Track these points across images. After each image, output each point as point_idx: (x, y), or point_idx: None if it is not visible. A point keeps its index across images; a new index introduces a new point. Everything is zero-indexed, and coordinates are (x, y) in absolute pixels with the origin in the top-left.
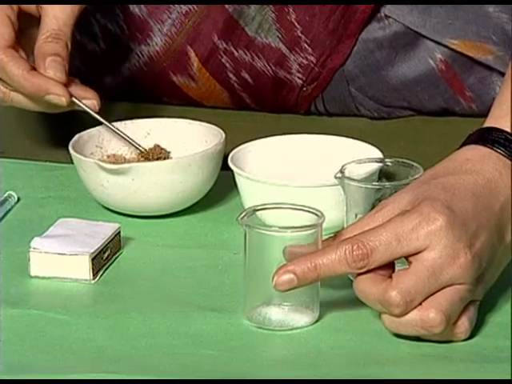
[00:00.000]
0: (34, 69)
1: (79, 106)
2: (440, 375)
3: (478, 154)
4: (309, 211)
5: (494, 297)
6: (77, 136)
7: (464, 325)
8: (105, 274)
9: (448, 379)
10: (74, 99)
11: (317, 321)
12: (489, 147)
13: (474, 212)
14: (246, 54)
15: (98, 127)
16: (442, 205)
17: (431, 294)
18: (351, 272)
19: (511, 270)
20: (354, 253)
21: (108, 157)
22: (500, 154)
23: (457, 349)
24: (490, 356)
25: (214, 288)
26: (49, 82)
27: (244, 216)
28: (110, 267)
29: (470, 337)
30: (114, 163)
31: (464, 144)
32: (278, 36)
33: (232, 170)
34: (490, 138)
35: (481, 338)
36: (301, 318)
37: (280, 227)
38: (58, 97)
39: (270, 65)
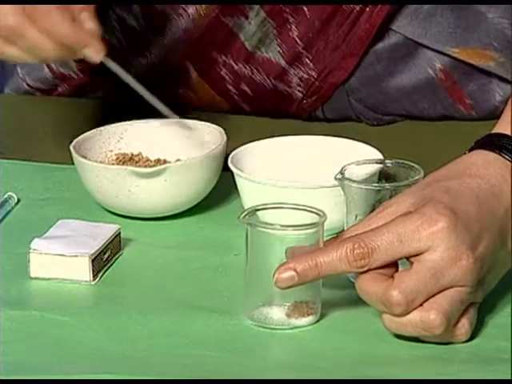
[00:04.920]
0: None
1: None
2: (440, 376)
3: (483, 159)
4: (310, 211)
5: (495, 298)
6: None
7: (464, 327)
8: (105, 275)
9: (448, 379)
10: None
11: (318, 321)
12: (496, 152)
13: (478, 215)
14: (246, 68)
15: (93, 130)
16: (445, 207)
17: (432, 296)
18: (352, 271)
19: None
20: (355, 251)
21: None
22: (507, 159)
23: (457, 350)
24: (491, 357)
25: (214, 289)
26: (89, 35)
27: (245, 215)
28: (110, 268)
29: (471, 338)
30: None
31: (471, 149)
32: (278, 51)
33: (232, 171)
34: (497, 143)
35: (481, 340)
36: (302, 318)
37: (281, 225)
38: (95, 51)
39: (270, 78)
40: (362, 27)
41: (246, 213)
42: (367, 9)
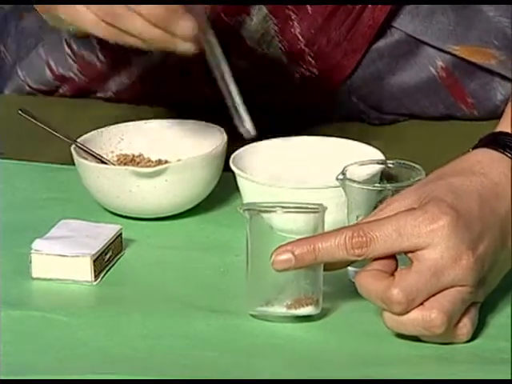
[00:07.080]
0: None
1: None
2: (440, 376)
3: (488, 157)
4: (310, 207)
5: (496, 298)
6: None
7: (466, 327)
8: (106, 276)
9: (448, 379)
10: None
11: (318, 321)
12: (500, 151)
13: (479, 214)
14: (247, 65)
15: (92, 132)
16: (448, 206)
17: (433, 295)
18: (349, 258)
19: None
20: (354, 240)
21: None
22: (510, 158)
23: (458, 350)
24: (491, 357)
25: (215, 290)
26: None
27: (246, 208)
28: (112, 269)
29: (471, 338)
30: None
31: (475, 147)
32: (280, 48)
33: (233, 172)
34: (501, 142)
35: (482, 340)
36: (301, 308)
37: (283, 207)
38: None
39: (271, 76)
40: (365, 24)
41: (246, 206)
42: (369, 5)
